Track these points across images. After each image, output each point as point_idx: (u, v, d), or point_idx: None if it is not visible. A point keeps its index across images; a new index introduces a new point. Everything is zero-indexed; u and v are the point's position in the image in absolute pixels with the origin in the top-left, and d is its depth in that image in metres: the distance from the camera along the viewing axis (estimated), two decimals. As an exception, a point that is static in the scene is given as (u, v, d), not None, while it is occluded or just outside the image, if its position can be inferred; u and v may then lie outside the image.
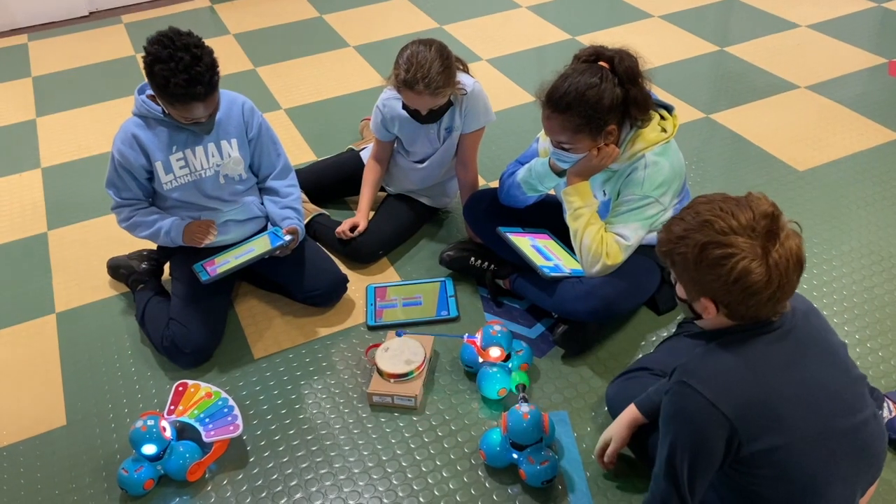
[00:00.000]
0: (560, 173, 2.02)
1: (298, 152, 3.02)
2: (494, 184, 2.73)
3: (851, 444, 1.33)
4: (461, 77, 2.24)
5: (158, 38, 1.84)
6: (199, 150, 2.05)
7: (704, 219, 1.27)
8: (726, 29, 3.88)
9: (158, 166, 2.02)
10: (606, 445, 1.69)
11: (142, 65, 1.88)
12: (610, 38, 3.75)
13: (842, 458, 1.31)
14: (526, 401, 1.80)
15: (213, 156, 2.07)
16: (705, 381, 1.28)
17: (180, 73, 1.81)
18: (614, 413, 1.77)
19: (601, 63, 1.86)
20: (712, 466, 1.30)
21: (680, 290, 1.39)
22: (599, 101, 1.81)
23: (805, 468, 1.29)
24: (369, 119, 2.99)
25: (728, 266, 1.24)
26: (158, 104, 1.97)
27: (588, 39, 3.78)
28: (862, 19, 3.87)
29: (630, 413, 1.68)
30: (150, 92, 1.98)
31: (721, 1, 4.18)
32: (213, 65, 1.88)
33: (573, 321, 2.02)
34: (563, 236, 2.19)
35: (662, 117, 1.95)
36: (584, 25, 3.96)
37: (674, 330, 2.09)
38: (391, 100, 2.33)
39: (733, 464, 1.31)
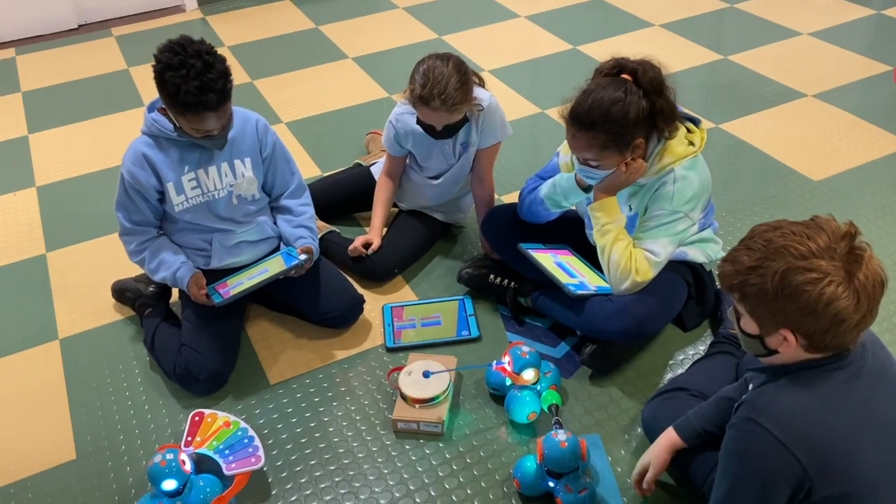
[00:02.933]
0: (586, 188, 1.96)
1: (303, 167, 2.89)
2: (507, 198, 2.68)
3: None
4: (477, 91, 2.18)
5: (170, 45, 1.78)
6: (212, 169, 1.98)
7: (780, 245, 1.19)
8: (728, 37, 3.86)
9: (170, 187, 1.94)
10: (644, 471, 1.63)
11: (136, 77, 1.81)
12: (610, 48, 3.72)
13: None
14: (560, 425, 1.74)
15: (226, 176, 2.00)
16: (777, 421, 1.21)
17: (192, 81, 1.74)
18: (651, 435, 1.71)
19: (624, 76, 1.80)
20: None
21: (749, 325, 1.29)
22: (625, 115, 1.75)
23: None
24: (374, 132, 2.95)
25: (815, 292, 1.16)
26: (169, 119, 1.89)
27: (589, 49, 3.76)
28: (862, 27, 3.87)
29: (669, 437, 1.62)
30: (160, 106, 1.90)
31: (720, 9, 4.17)
32: (225, 72, 1.81)
33: (601, 340, 1.97)
34: (583, 251, 2.14)
35: (689, 130, 1.91)
36: (584, 35, 3.93)
37: (702, 349, 2.04)
38: (404, 114, 2.27)
39: None
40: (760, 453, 1.22)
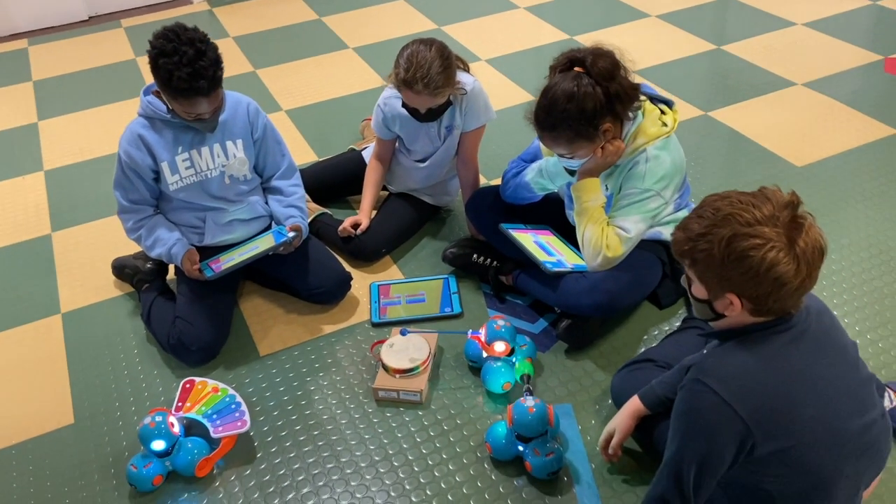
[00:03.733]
0: (572, 171, 2.03)
1: (300, 153, 3.04)
2: (495, 182, 2.76)
3: (860, 443, 1.34)
4: (461, 76, 2.26)
5: (164, 32, 1.87)
6: (205, 150, 2.07)
7: (727, 213, 1.26)
8: (723, 27, 3.90)
9: (164, 167, 2.03)
10: (610, 437, 1.70)
11: (142, 67, 1.90)
12: (607, 38, 3.74)
13: (851, 457, 1.32)
14: (531, 393, 1.82)
15: (218, 156, 2.09)
16: (722, 381, 1.28)
17: (184, 67, 1.83)
18: (619, 404, 1.78)
19: (577, 69, 1.85)
20: (721, 468, 1.30)
21: (699, 290, 1.36)
22: (582, 109, 1.81)
23: (816, 468, 1.30)
24: (370, 119, 3.02)
25: (757, 257, 1.23)
26: (164, 102, 1.98)
27: (585, 39, 3.82)
28: (857, 17, 3.90)
29: (633, 404, 1.69)
30: (156, 89, 2.00)
31: (717, 0, 4.21)
32: (217, 60, 1.90)
33: (576, 316, 2.04)
34: (563, 232, 2.21)
35: (662, 112, 1.97)
36: (581, 25, 3.99)
37: (677, 325, 2.11)
38: (392, 98, 2.35)
39: (743, 463, 1.30)
40: (706, 412, 1.29)
